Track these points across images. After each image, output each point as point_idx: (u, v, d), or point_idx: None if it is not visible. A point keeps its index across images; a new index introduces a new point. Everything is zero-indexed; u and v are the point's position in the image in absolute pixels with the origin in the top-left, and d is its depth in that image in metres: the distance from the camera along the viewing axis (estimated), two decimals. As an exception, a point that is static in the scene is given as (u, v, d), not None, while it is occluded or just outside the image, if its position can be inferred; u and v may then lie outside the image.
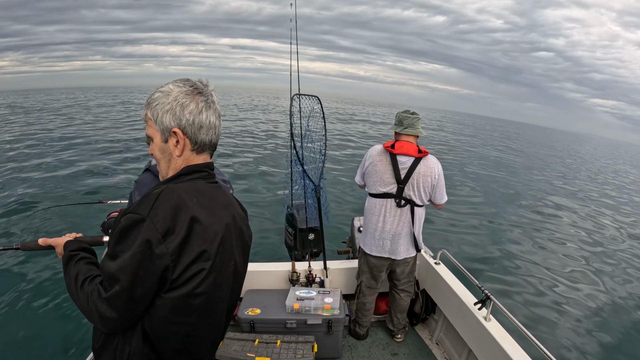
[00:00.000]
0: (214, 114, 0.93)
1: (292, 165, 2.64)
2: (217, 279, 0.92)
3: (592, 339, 3.70)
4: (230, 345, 2.03)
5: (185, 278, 0.85)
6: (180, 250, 0.83)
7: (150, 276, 0.82)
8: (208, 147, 0.96)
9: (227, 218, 0.96)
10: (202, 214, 0.87)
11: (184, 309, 0.89)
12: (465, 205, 8.02)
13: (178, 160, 0.93)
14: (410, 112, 2.21)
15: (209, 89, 0.93)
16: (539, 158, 20.88)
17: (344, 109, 46.63)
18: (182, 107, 0.88)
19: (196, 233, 0.85)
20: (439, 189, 2.20)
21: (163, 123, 0.90)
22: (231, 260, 0.98)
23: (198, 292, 0.88)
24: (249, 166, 10.24)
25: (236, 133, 16.62)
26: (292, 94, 2.47)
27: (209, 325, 0.98)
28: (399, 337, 2.54)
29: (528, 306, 4.20)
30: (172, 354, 0.94)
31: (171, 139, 0.91)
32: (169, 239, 0.81)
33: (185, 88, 0.90)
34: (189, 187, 0.90)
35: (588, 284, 4.90)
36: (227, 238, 0.94)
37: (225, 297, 1.00)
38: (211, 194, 0.95)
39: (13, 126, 16.53)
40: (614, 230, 7.58)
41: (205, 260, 0.87)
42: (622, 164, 28.88)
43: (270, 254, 4.91)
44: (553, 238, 6.60)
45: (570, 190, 11.44)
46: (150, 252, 0.80)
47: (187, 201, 0.86)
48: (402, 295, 2.46)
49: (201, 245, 0.86)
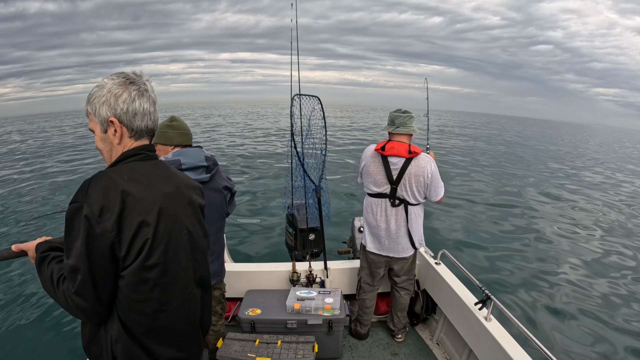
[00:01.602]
0: (147, 101, 0.97)
1: (293, 165, 2.64)
2: (167, 248, 0.94)
3: (593, 339, 3.70)
4: (231, 345, 2.04)
5: (134, 252, 0.89)
6: (118, 226, 0.86)
7: (101, 256, 0.86)
8: (145, 132, 0.99)
9: (167, 188, 0.99)
10: (134, 188, 0.90)
11: (143, 283, 0.92)
12: (466, 205, 8.02)
13: (118, 147, 0.97)
14: (402, 111, 2.20)
15: (142, 79, 0.97)
16: (544, 152, 20.86)
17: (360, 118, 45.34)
18: (116, 97, 0.93)
19: (129, 205, 0.88)
20: (433, 186, 2.18)
21: (101, 115, 0.94)
22: (182, 229, 1.00)
23: (150, 264, 0.91)
24: (250, 165, 10.23)
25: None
26: (293, 94, 2.47)
27: (176, 298, 1.00)
28: (399, 337, 2.54)
29: (529, 306, 4.20)
30: (148, 334, 0.96)
31: (110, 129, 0.95)
32: (105, 217, 0.85)
33: (118, 80, 0.94)
34: (122, 168, 0.94)
35: (589, 284, 4.90)
36: (168, 207, 0.96)
37: (186, 267, 1.02)
38: (147, 169, 0.98)
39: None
40: (620, 228, 7.57)
41: (147, 230, 0.90)
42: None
43: (271, 254, 4.92)
44: (554, 237, 6.59)
45: (569, 184, 11.43)
46: (93, 233, 0.84)
47: (116, 179, 0.89)
48: (402, 294, 2.46)
49: (138, 217, 0.89)
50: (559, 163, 17.08)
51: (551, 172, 14.18)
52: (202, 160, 1.74)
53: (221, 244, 1.96)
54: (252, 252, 5.06)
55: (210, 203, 1.81)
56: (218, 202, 1.85)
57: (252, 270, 2.67)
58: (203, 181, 1.74)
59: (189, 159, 1.71)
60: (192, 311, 1.07)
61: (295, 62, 2.54)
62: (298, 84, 2.56)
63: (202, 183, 1.75)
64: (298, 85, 2.57)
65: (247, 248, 5.20)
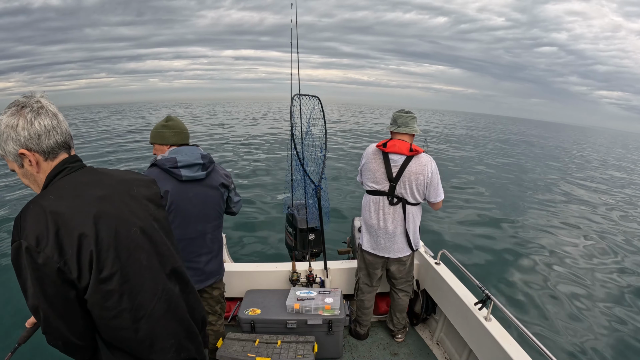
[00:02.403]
0: (46, 117, 0.91)
1: (293, 165, 2.64)
2: (119, 252, 0.89)
3: (593, 339, 3.70)
4: (231, 345, 2.04)
5: (85, 269, 0.84)
6: (59, 248, 0.82)
7: (56, 287, 0.82)
8: (58, 148, 0.94)
9: (99, 191, 0.93)
10: (62, 204, 0.86)
11: (108, 297, 0.87)
12: (466, 205, 8.02)
13: (40, 176, 0.93)
14: (404, 111, 2.22)
15: (33, 98, 0.92)
16: (548, 154, 20.86)
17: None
18: (14, 128, 0.88)
19: (62, 224, 0.83)
20: (432, 187, 2.17)
21: (10, 152, 0.90)
22: (130, 227, 0.94)
23: (106, 275, 0.86)
24: (249, 166, 10.24)
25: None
26: (293, 94, 2.48)
27: (150, 300, 0.94)
28: (399, 337, 2.54)
29: (529, 306, 4.20)
30: (140, 348, 0.93)
31: (25, 162, 0.91)
32: (42, 244, 0.81)
33: (10, 110, 0.90)
34: (48, 191, 0.90)
35: (590, 284, 4.90)
36: (105, 210, 0.91)
37: (149, 265, 0.96)
38: (73, 181, 0.93)
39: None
40: (623, 227, 7.56)
41: (87, 241, 0.85)
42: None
43: (271, 254, 4.92)
44: (555, 237, 6.59)
45: (574, 186, 11.43)
46: (37, 266, 0.80)
47: (43, 204, 0.86)
48: (401, 295, 2.45)
49: (74, 232, 0.84)
50: (559, 162, 17.07)
51: (552, 172, 14.18)
52: (197, 158, 1.75)
53: (219, 242, 1.95)
54: (252, 252, 5.07)
55: (207, 200, 1.82)
56: (215, 200, 1.85)
57: (252, 270, 2.67)
58: (199, 178, 1.76)
59: (184, 156, 1.72)
60: (174, 308, 1.00)
61: (295, 60, 2.54)
62: (298, 82, 2.56)
63: (198, 180, 1.76)
64: (298, 84, 2.57)
65: (247, 248, 5.20)
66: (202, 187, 1.79)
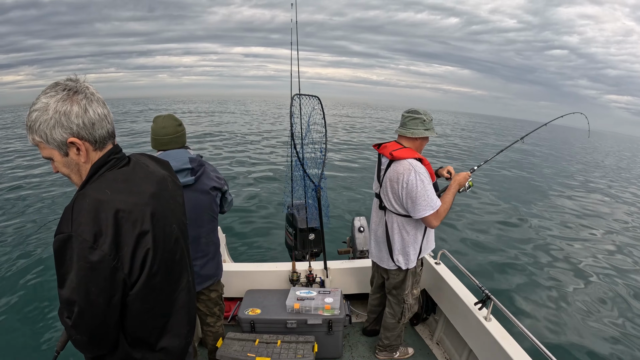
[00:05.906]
0: (98, 104, 0.87)
1: (292, 165, 2.64)
2: (165, 249, 0.93)
3: (593, 339, 3.70)
4: (231, 345, 2.04)
5: (137, 266, 0.85)
6: (116, 246, 0.81)
7: (104, 284, 0.81)
8: (108, 137, 0.91)
9: (150, 188, 0.94)
10: (121, 200, 0.85)
11: (151, 292, 0.90)
12: (466, 205, 8.01)
13: (86, 165, 0.89)
14: (409, 111, 1.98)
15: (82, 83, 0.87)
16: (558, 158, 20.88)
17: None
18: (66, 114, 0.82)
19: (124, 222, 0.83)
20: (410, 199, 1.86)
21: (55, 139, 0.84)
22: (172, 223, 0.99)
23: (155, 271, 0.89)
24: (249, 166, 10.24)
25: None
26: (293, 94, 2.48)
27: (180, 290, 1.02)
28: (379, 355, 2.34)
29: (529, 306, 4.20)
30: (164, 331, 0.97)
31: (71, 150, 0.86)
32: (100, 242, 0.79)
33: (59, 95, 0.83)
34: (100, 184, 0.88)
35: (591, 284, 4.89)
36: (157, 207, 0.93)
37: (180, 258, 1.02)
38: (124, 174, 0.92)
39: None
40: (624, 229, 7.56)
41: (146, 240, 0.86)
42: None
43: (271, 254, 4.92)
44: (555, 238, 6.59)
45: (574, 186, 11.42)
46: (89, 263, 0.78)
47: (100, 198, 0.83)
48: (387, 311, 2.26)
49: (135, 230, 0.85)
50: (564, 163, 17.06)
51: (556, 174, 14.17)
52: (185, 163, 1.67)
53: (215, 244, 1.91)
54: (252, 252, 5.07)
55: (199, 205, 1.75)
56: (206, 204, 1.78)
57: (252, 270, 2.67)
58: (188, 184, 1.68)
59: (171, 162, 1.67)
60: (191, 297, 1.08)
61: (295, 58, 2.57)
62: (298, 80, 2.59)
63: (187, 186, 1.66)
64: (298, 83, 2.59)
65: (247, 248, 5.21)
66: (192, 193, 1.71)
